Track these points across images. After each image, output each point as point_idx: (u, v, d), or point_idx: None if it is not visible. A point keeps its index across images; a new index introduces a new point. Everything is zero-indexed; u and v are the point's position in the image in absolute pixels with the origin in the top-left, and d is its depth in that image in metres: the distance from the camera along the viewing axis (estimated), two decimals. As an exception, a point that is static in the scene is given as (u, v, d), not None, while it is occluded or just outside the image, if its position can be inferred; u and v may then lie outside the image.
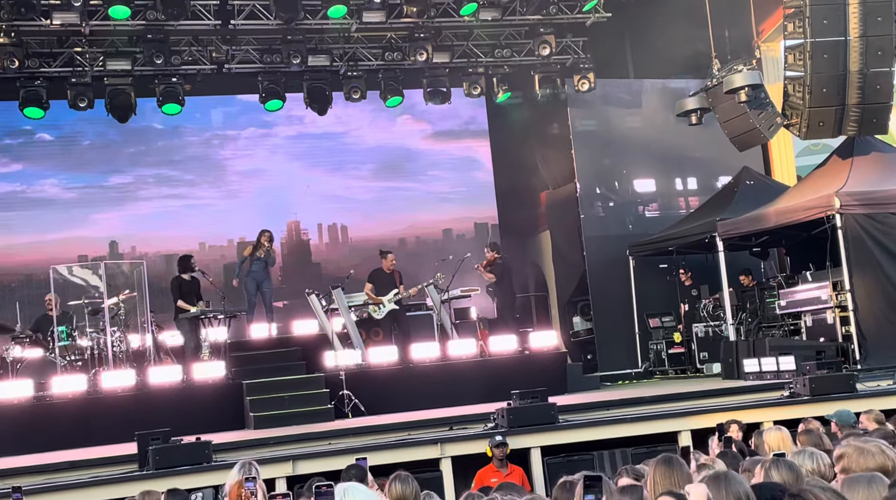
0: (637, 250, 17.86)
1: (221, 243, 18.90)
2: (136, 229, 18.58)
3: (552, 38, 17.59)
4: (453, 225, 20.11)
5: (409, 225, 19.88)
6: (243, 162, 19.44)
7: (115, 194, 18.67)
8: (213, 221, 18.95)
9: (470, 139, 20.53)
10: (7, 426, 12.34)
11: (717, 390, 13.10)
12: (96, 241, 18.27)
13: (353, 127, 19.80)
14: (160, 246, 18.40)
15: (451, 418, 11.95)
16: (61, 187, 18.46)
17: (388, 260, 15.71)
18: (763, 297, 15.99)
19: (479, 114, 20.18)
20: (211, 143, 19.36)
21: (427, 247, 19.34)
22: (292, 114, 18.61)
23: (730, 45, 17.63)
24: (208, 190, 19.20)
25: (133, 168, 18.82)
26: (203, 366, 13.75)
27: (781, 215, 14.86)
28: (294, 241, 19.52)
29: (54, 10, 14.92)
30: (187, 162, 19.13)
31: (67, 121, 17.64)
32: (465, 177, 20.42)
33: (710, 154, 18.35)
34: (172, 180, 19.02)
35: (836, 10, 13.13)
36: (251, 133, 19.53)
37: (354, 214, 19.74)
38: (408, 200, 20.02)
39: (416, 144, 20.28)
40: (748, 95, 14.79)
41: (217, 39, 16.80)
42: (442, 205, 20.14)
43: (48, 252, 17.48)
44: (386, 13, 16.32)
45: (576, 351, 17.80)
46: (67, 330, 13.58)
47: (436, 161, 20.34)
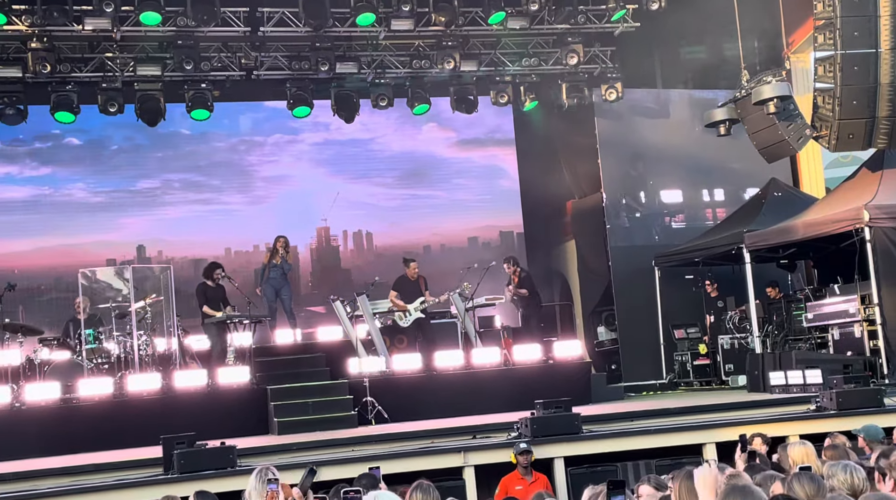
0: (663, 261, 17.79)
1: (247, 249, 19.00)
2: (163, 234, 18.71)
3: (580, 48, 17.57)
4: (478, 233, 20.12)
5: (433, 233, 19.91)
6: (269, 168, 19.56)
7: (143, 199, 18.82)
8: (238, 226, 19.05)
9: (495, 148, 20.54)
10: (34, 428, 12.44)
11: (743, 403, 13.01)
12: (124, 245, 18.41)
13: (379, 134, 19.87)
14: (186, 251, 18.53)
15: (474, 426, 11.94)
16: (89, 191, 18.63)
17: (412, 268, 15.74)
18: (790, 309, 15.88)
19: (504, 122, 20.19)
20: (237, 149, 19.49)
21: (452, 255, 19.35)
22: (318, 120, 18.66)
23: (759, 55, 17.57)
24: (234, 196, 19.33)
25: (160, 173, 18.98)
26: (228, 371, 13.81)
27: (809, 228, 14.75)
28: (324, 247, 19.59)
29: (86, 15, 15.06)
30: (214, 167, 19.26)
31: (96, 125, 17.77)
32: (491, 185, 20.43)
33: (737, 165, 18.27)
34: (199, 186, 19.17)
35: (867, 23, 13.03)
36: (277, 139, 19.65)
37: (379, 221, 19.80)
38: (432, 207, 20.06)
39: (441, 152, 20.32)
40: (777, 107, 14.73)
41: (246, 46, 16.90)
42: (467, 213, 20.15)
43: (76, 256, 17.61)
44: (414, 21, 16.37)
45: (600, 361, 17.74)
46: (94, 333, 13.67)
47: (461, 169, 20.36)
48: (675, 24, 16.92)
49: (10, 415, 12.58)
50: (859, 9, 12.99)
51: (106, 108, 16.44)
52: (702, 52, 17.17)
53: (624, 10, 17.03)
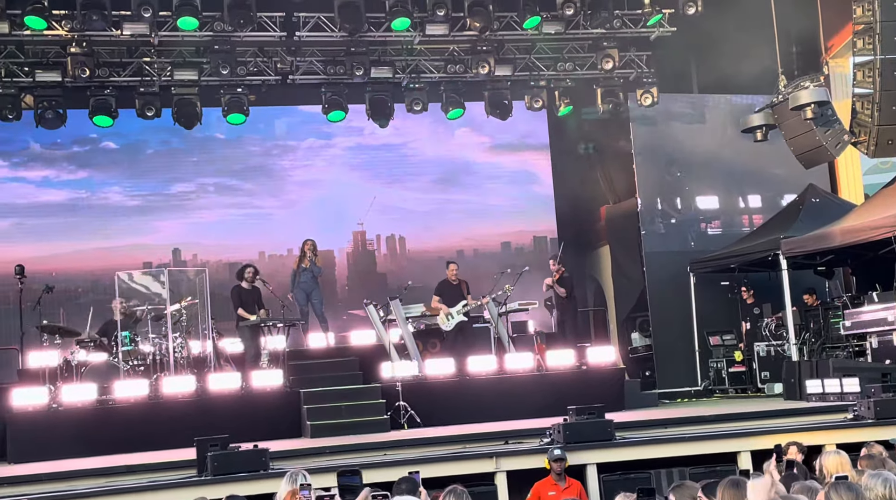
0: (698, 267, 17.66)
1: (281, 253, 19.06)
2: (198, 237, 18.84)
3: (615, 52, 17.51)
4: (512, 238, 20.08)
5: (465, 237, 19.90)
6: (303, 172, 19.62)
7: (178, 202, 18.97)
8: (272, 230, 19.14)
9: (528, 153, 20.49)
10: (70, 429, 12.56)
11: (779, 411, 12.88)
12: (159, 248, 18.55)
13: (412, 138, 19.89)
14: (221, 254, 18.62)
15: (506, 432, 11.91)
16: (125, 195, 18.79)
17: (450, 270, 15.79)
18: (827, 317, 15.71)
19: (537, 128, 20.13)
20: (271, 153, 19.58)
21: (485, 259, 19.32)
22: (352, 125, 18.68)
23: (797, 60, 17.40)
24: (268, 200, 19.42)
25: (195, 177, 19.12)
26: (262, 374, 13.88)
27: (847, 234, 14.58)
28: (360, 251, 19.64)
29: (125, 20, 15.24)
30: (248, 172, 19.38)
31: (132, 129, 17.89)
32: (523, 190, 20.38)
33: (774, 171, 18.12)
34: (233, 190, 19.28)
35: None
36: (311, 144, 19.72)
37: (412, 225, 19.81)
38: (465, 212, 20.04)
39: (474, 157, 20.31)
40: (815, 112, 14.56)
41: (282, 50, 17.00)
42: (499, 218, 20.11)
43: (113, 259, 17.77)
44: (449, 26, 16.41)
45: (634, 367, 17.64)
46: (130, 335, 13.79)
47: (493, 174, 20.32)
48: (712, 29, 16.78)
49: (48, 416, 12.73)
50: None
51: (143, 112, 16.61)
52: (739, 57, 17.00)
53: (660, 15, 16.96)
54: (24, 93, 16.47)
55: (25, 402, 12.82)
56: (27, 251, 17.51)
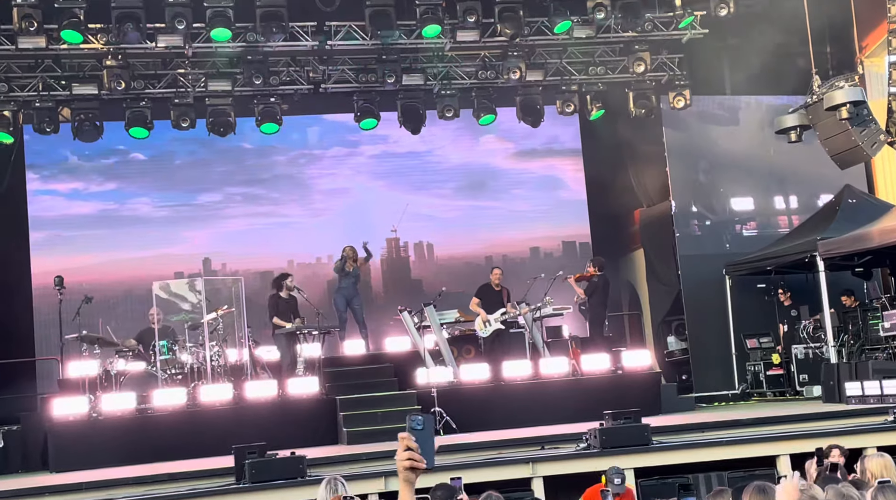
0: (734, 270, 17.54)
1: (309, 261, 19.14)
2: (226, 247, 18.91)
3: (647, 55, 17.44)
4: (540, 243, 20.03)
5: (493, 243, 19.87)
6: (329, 181, 19.68)
7: (205, 213, 19.08)
8: (300, 239, 19.21)
9: (554, 158, 20.47)
10: (110, 438, 12.73)
11: (818, 414, 12.76)
12: (190, 257, 18.65)
13: (437, 146, 19.88)
14: (250, 264, 18.66)
15: (542, 437, 11.91)
16: (153, 206, 18.92)
17: (495, 275, 15.83)
18: (866, 318, 15.54)
19: (562, 133, 20.04)
20: (297, 162, 19.66)
21: (515, 265, 19.27)
22: (377, 133, 18.66)
23: (831, 60, 17.27)
24: (295, 208, 19.50)
25: (222, 186, 19.23)
26: (298, 381, 13.96)
27: (885, 235, 14.44)
28: (394, 258, 19.69)
29: (159, 33, 15.41)
30: (275, 181, 19.46)
31: (160, 141, 17.89)
32: (550, 196, 20.34)
33: (810, 172, 17.95)
34: (260, 199, 19.38)
35: (944, 24, 12.75)
36: (337, 152, 19.77)
37: (439, 232, 19.80)
38: (492, 218, 20.01)
39: (499, 163, 20.30)
40: (850, 112, 14.41)
41: (314, 60, 17.11)
42: (527, 224, 20.06)
43: (144, 269, 17.92)
44: (479, 32, 16.42)
45: (670, 371, 17.54)
46: (168, 344, 13.93)
47: (519, 180, 20.30)
48: (744, 30, 16.71)
49: (88, 425, 12.89)
50: (935, 11, 12.71)
51: (178, 123, 16.77)
52: (772, 58, 16.88)
53: (692, 17, 16.88)
54: (61, 106, 16.68)
55: (66, 411, 13.00)
56: (58, 263, 17.64)
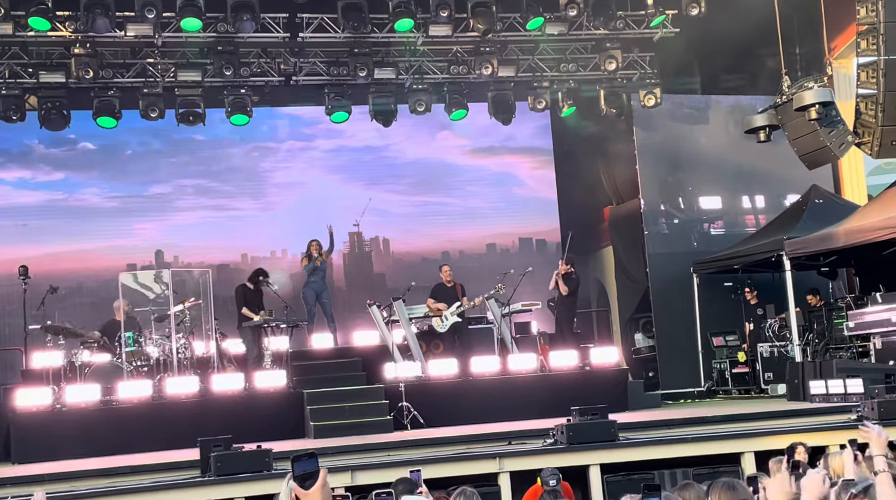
0: (702, 268, 17.66)
1: (264, 255, 18.96)
2: (178, 239, 18.70)
3: (619, 53, 17.51)
4: (497, 240, 20.03)
5: (449, 239, 19.87)
6: (283, 174, 19.55)
7: (156, 204, 18.85)
8: (253, 232, 19.06)
9: (509, 155, 20.52)
10: (74, 430, 12.59)
11: (782, 412, 12.89)
12: (140, 250, 18.44)
13: (393, 141, 19.80)
14: (203, 256, 18.38)
15: (509, 432, 11.93)
16: (103, 196, 18.67)
17: (444, 272, 15.84)
18: (831, 317, 15.70)
19: (518, 130, 19.96)
20: (251, 155, 19.49)
21: (471, 261, 19.30)
22: (332, 127, 18.65)
23: (801, 61, 17.40)
24: (248, 201, 19.33)
25: (173, 178, 19.01)
26: (265, 375, 13.89)
27: (851, 235, 14.58)
28: (356, 252, 19.62)
29: (129, 22, 15.26)
30: (228, 173, 19.28)
31: (110, 131, 17.28)
32: (504, 193, 20.40)
33: (778, 172, 18.10)
34: (213, 191, 19.19)
35: (911, 28, 12.88)
36: (291, 146, 19.66)
37: (395, 227, 19.73)
38: (448, 214, 20.02)
39: (454, 160, 20.30)
40: (819, 113, 14.53)
41: (285, 52, 17.01)
42: (483, 220, 20.10)
43: (95, 261, 17.79)
44: (452, 27, 16.41)
45: (637, 368, 17.63)
46: (134, 336, 13.81)
47: (475, 177, 20.33)
48: (715, 30, 16.78)
49: (52, 416, 12.75)
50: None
51: (147, 113, 16.60)
52: (742, 58, 17.01)
53: (663, 16, 16.95)
54: (27, 94, 16.47)
55: (29, 402, 12.85)
56: (3, 254, 17.43)
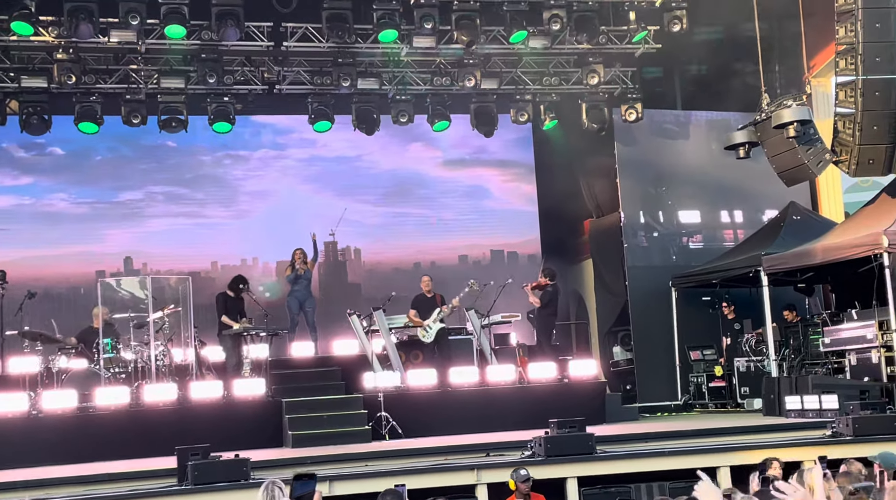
0: (680, 282, 17.77)
1: (234, 263, 18.83)
2: (147, 246, 18.54)
3: (601, 68, 17.62)
4: (468, 251, 20.06)
5: (420, 250, 19.86)
6: (255, 182, 19.46)
7: (125, 211, 18.69)
8: (224, 240, 18.92)
9: (481, 168, 20.57)
10: (50, 436, 12.51)
11: (758, 427, 12.98)
12: (109, 256, 18.29)
13: (366, 152, 19.77)
14: (172, 264, 18.26)
15: (488, 444, 11.96)
16: (71, 202, 18.50)
17: (424, 283, 15.94)
18: (807, 333, 15.83)
19: (490, 143, 19.86)
20: (223, 162, 19.39)
21: (443, 272, 19.27)
22: (305, 136, 18.63)
23: (780, 79, 17.58)
24: (218, 209, 19.20)
25: (144, 185, 18.87)
26: (244, 383, 13.87)
27: (828, 252, 14.72)
28: (331, 261, 19.58)
29: (112, 28, 15.23)
30: (199, 181, 19.16)
31: (80, 135, 17.07)
32: (477, 204, 20.43)
33: (756, 187, 18.26)
34: (183, 198, 19.07)
35: (889, 49, 13.01)
36: (264, 154, 19.56)
37: (366, 238, 19.66)
38: (420, 225, 20.03)
39: (427, 171, 20.31)
40: (797, 131, 14.71)
41: (269, 60, 17.04)
42: (454, 231, 20.12)
43: (63, 267, 17.67)
44: (436, 39, 16.47)
45: (615, 381, 17.69)
46: (112, 342, 13.76)
47: (447, 188, 20.36)
48: (696, 47, 16.96)
49: (27, 423, 12.67)
50: (881, 34, 12.98)
51: (129, 119, 16.57)
52: (723, 75, 17.17)
53: (645, 32, 17.08)
54: (8, 98, 16.41)
55: (5, 408, 12.75)
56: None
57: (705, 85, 17.67)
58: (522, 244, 20.31)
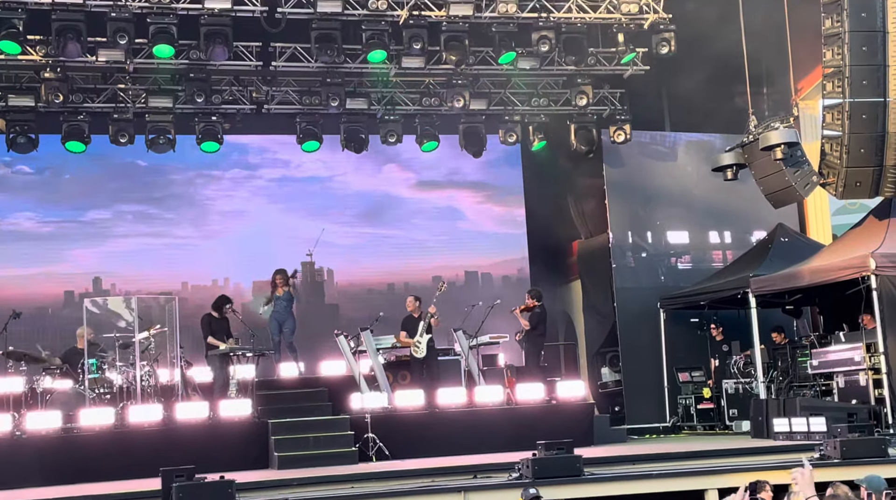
0: (668, 303, 17.77)
1: (205, 283, 18.71)
2: (116, 267, 18.42)
3: (589, 89, 17.69)
4: (442, 272, 19.87)
5: (393, 271, 19.81)
6: (226, 202, 19.40)
7: (94, 230, 18.57)
8: (195, 260, 18.82)
9: (454, 189, 20.61)
10: (34, 457, 12.39)
11: (746, 449, 12.94)
12: (78, 277, 18.19)
13: (339, 172, 19.81)
14: (141, 284, 17.98)
15: (475, 465, 11.89)
16: (37, 221, 18.37)
17: (409, 304, 15.88)
18: (795, 356, 15.83)
19: (463, 165, 20.09)
20: (194, 182, 19.31)
21: (417, 293, 19.22)
22: (278, 157, 18.62)
23: (768, 101, 17.66)
24: (189, 229, 19.11)
25: (112, 204, 18.74)
26: (230, 403, 13.77)
27: (816, 274, 14.74)
28: (308, 282, 19.49)
29: (100, 47, 15.21)
30: (169, 200, 19.08)
31: (49, 154, 17.05)
32: (449, 226, 20.44)
33: (745, 208, 18.30)
34: (153, 218, 18.96)
35: (876, 72, 13.09)
36: (235, 174, 19.51)
37: (339, 258, 19.59)
38: (393, 246, 20.00)
39: (400, 192, 20.34)
40: (785, 153, 14.75)
41: (258, 80, 17.06)
42: (427, 252, 20.10)
43: (30, 287, 17.57)
44: (425, 59, 16.50)
45: (603, 403, 17.66)
46: (98, 363, 13.66)
47: (420, 209, 20.38)
48: (684, 69, 17.02)
49: (11, 444, 12.55)
50: (868, 58, 13.06)
51: (117, 138, 16.58)
52: (710, 97, 17.24)
53: (634, 54, 17.15)
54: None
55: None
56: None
57: (693, 107, 17.72)
58: (496, 266, 20.37)
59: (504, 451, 12.96)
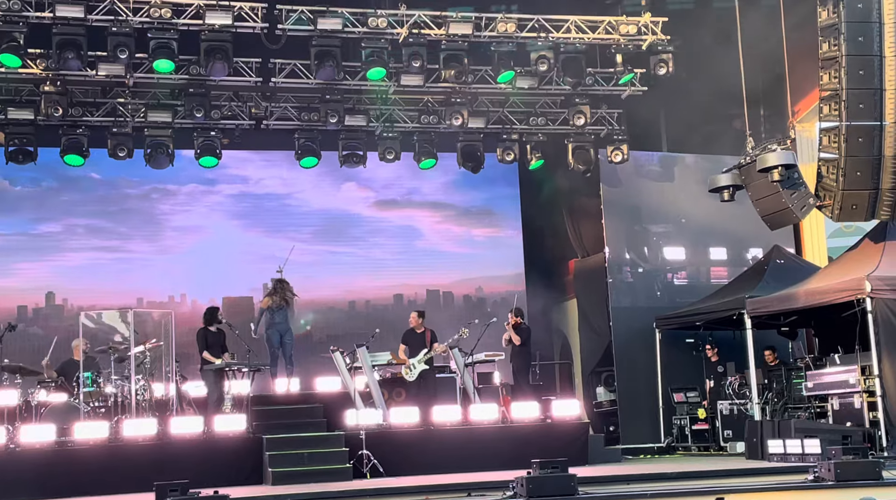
0: (664, 323, 17.79)
1: (161, 299, 18.58)
2: (67, 281, 18.32)
3: (587, 109, 17.78)
4: (403, 291, 20.03)
5: (353, 289, 19.83)
6: (182, 217, 19.34)
7: (44, 243, 18.43)
8: (149, 276, 18.68)
9: (412, 209, 20.69)
10: (28, 471, 12.36)
11: (741, 470, 12.92)
12: (29, 291, 18.04)
13: (297, 189, 19.85)
14: (95, 300, 17.87)
15: (470, 483, 11.86)
16: None
17: (412, 319, 15.87)
18: (790, 377, 15.85)
19: (422, 185, 20.24)
20: (150, 196, 19.22)
21: (378, 311, 19.26)
22: (237, 173, 18.62)
23: (765, 123, 17.75)
24: (143, 244, 18.99)
25: (64, 217, 18.64)
26: (224, 419, 13.76)
27: (811, 296, 14.77)
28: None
29: (100, 61, 15.26)
30: (123, 214, 18.98)
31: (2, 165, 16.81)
32: (407, 245, 20.50)
33: (741, 227, 18.34)
34: (106, 232, 18.85)
35: (873, 96, 13.17)
36: (192, 189, 19.45)
37: (296, 275, 19.11)
38: (351, 264, 19.99)
39: (359, 210, 20.38)
40: (781, 175, 14.78)
41: (257, 96, 17.12)
42: (386, 271, 20.11)
43: None
44: (424, 77, 16.57)
45: (598, 422, 17.66)
46: (93, 376, 13.65)
47: (378, 228, 20.41)
48: (682, 90, 17.12)
49: (5, 457, 12.52)
50: (865, 81, 13.14)
51: (115, 152, 16.61)
52: (708, 118, 17.33)
53: (632, 74, 17.25)
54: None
55: (-18, 442, 12.62)
56: None
57: (691, 128, 17.81)
58: (457, 284, 20.47)
59: (499, 469, 12.97)
